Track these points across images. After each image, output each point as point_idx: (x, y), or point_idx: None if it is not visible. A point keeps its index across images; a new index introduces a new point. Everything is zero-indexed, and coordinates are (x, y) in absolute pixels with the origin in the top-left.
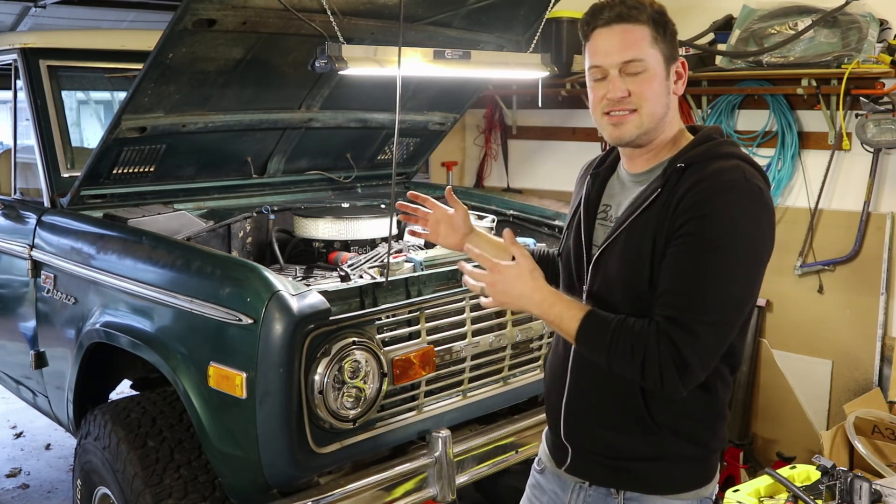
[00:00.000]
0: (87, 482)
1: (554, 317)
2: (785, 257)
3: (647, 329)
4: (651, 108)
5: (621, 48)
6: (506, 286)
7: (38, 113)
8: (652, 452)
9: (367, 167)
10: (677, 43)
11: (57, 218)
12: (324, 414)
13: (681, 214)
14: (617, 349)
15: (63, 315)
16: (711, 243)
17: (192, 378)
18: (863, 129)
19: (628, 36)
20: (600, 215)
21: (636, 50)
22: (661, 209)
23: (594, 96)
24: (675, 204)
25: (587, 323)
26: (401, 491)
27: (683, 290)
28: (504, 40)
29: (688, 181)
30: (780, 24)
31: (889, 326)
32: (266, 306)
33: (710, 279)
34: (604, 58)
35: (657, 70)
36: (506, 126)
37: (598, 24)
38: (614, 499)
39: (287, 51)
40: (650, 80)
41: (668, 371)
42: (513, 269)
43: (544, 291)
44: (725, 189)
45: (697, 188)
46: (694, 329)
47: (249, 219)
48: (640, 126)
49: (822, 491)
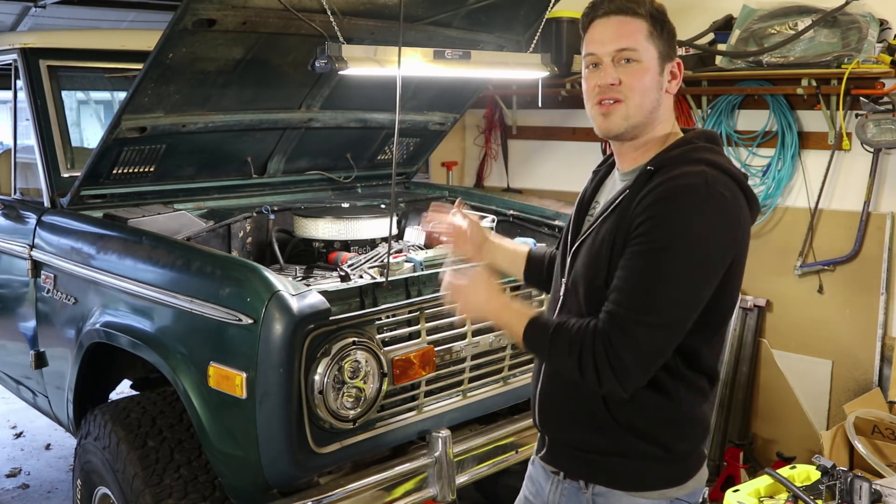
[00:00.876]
0: (87, 482)
1: (504, 323)
2: (785, 257)
3: (585, 329)
4: (639, 100)
5: (616, 37)
6: (468, 297)
7: (38, 113)
8: (614, 448)
9: (367, 167)
10: (675, 43)
11: (57, 218)
12: (324, 414)
13: (636, 216)
14: (555, 350)
15: (63, 315)
16: (660, 244)
17: (192, 378)
18: (863, 129)
19: (624, 27)
20: (590, 212)
21: (630, 40)
22: (623, 210)
23: (587, 86)
24: (634, 206)
25: (530, 327)
26: (401, 491)
27: (627, 289)
28: (504, 40)
29: (651, 184)
30: (780, 24)
31: (889, 326)
32: (266, 306)
33: (654, 280)
34: (598, 46)
35: (650, 64)
36: (506, 126)
37: (597, 14)
38: (584, 493)
39: (287, 51)
40: (642, 73)
41: (603, 370)
42: (468, 282)
43: (499, 300)
44: (680, 192)
45: (655, 191)
46: (631, 329)
47: (249, 219)
48: (628, 118)
49: (822, 491)
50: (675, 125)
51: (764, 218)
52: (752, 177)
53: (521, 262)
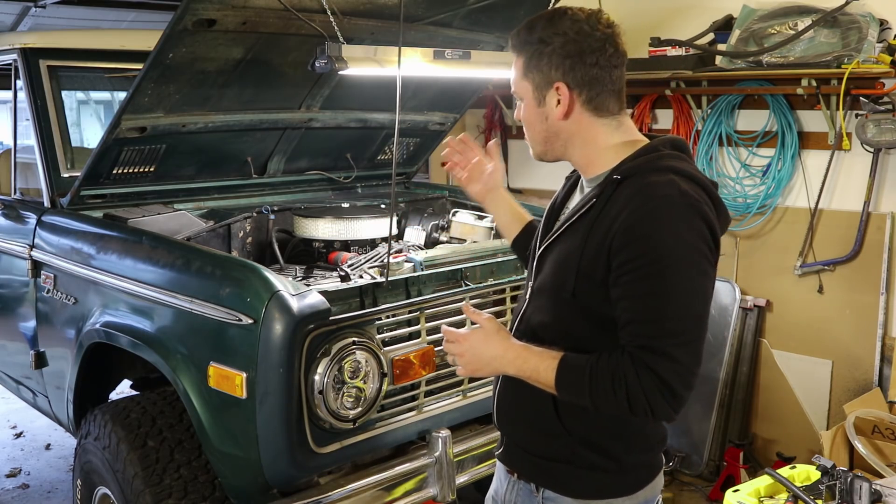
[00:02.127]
0: (87, 482)
1: (530, 371)
2: (785, 257)
3: (623, 363)
4: (531, 133)
5: (511, 79)
6: (475, 353)
7: (38, 113)
8: (562, 455)
9: (367, 167)
10: (560, 63)
11: (57, 218)
12: (324, 414)
13: (620, 236)
14: (598, 391)
15: (63, 315)
16: (660, 264)
17: (192, 378)
18: (863, 129)
19: (514, 67)
20: (561, 218)
21: (513, 82)
22: (594, 221)
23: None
24: (610, 222)
25: (563, 371)
26: (401, 491)
27: (648, 318)
28: (504, 40)
29: (622, 197)
30: (780, 24)
31: (889, 326)
32: (266, 306)
33: (670, 300)
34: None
35: (528, 100)
36: (506, 126)
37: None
38: (535, 496)
39: (287, 51)
40: (525, 109)
41: (655, 400)
42: (478, 334)
43: (515, 348)
44: (662, 206)
45: (633, 209)
46: (669, 353)
47: (249, 219)
48: (533, 148)
49: (822, 491)
50: (634, 132)
51: (764, 218)
52: (752, 177)
53: (517, 227)
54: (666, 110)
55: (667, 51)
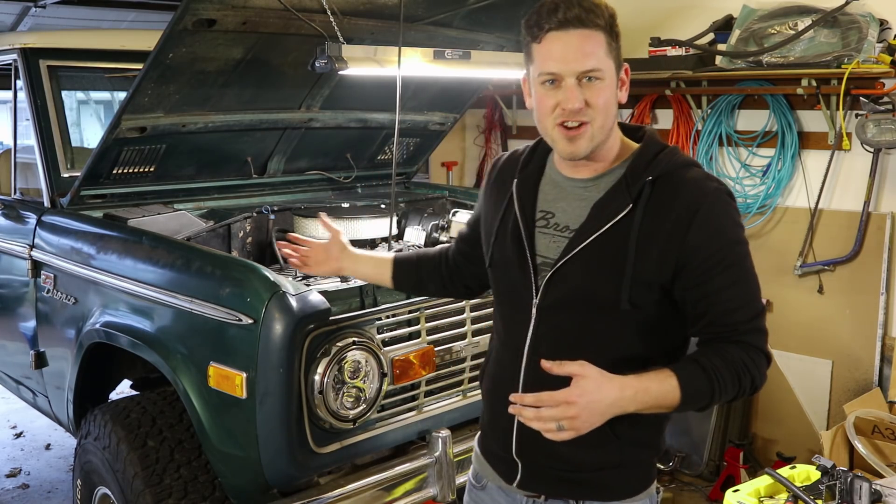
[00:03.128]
0: (87, 482)
1: (652, 401)
2: (785, 257)
3: (735, 352)
4: (603, 120)
5: (581, 55)
6: (592, 408)
7: (38, 113)
8: (611, 462)
9: (367, 167)
10: (621, 48)
11: (57, 218)
12: (324, 414)
13: (695, 234)
14: (723, 390)
15: (63, 315)
16: (736, 252)
17: (192, 378)
18: (863, 129)
19: (587, 42)
20: (539, 223)
21: (595, 58)
22: (640, 226)
23: (545, 104)
24: (670, 225)
25: (687, 387)
26: (401, 491)
27: (740, 304)
28: (504, 40)
29: (670, 196)
30: (780, 24)
31: (889, 326)
32: (266, 306)
33: (750, 283)
34: (561, 64)
35: (611, 80)
36: (506, 126)
37: (552, 25)
38: None
39: (287, 51)
40: (604, 91)
41: (764, 373)
42: (588, 385)
43: (631, 384)
44: (720, 198)
45: (696, 206)
46: (762, 328)
47: (249, 219)
48: (593, 139)
49: (822, 491)
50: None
51: (764, 218)
52: (752, 177)
53: (386, 268)
54: (666, 110)
55: (667, 51)
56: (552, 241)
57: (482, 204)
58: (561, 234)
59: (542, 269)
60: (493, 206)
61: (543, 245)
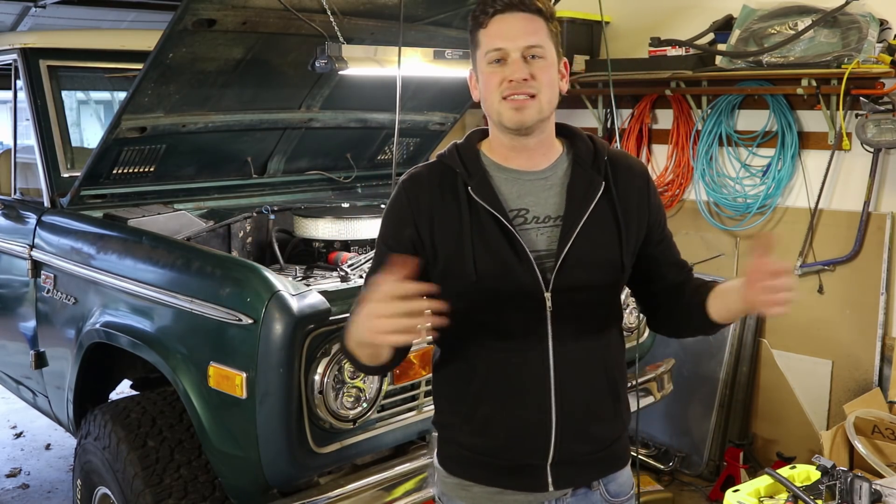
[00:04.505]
0: (87, 482)
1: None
2: (785, 257)
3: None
4: (548, 95)
5: (525, 33)
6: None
7: (38, 113)
8: (620, 429)
9: (367, 167)
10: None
11: (57, 218)
12: (324, 414)
13: (653, 198)
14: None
15: (63, 315)
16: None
17: (192, 378)
18: (863, 129)
19: (530, 24)
20: (517, 221)
21: (537, 37)
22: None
23: (491, 81)
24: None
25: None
26: (401, 491)
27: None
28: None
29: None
30: (780, 24)
31: (889, 326)
32: (266, 306)
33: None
34: (507, 41)
35: (553, 63)
36: None
37: (497, 9)
38: (595, 491)
39: (287, 51)
40: (548, 68)
41: None
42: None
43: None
44: (646, 169)
45: (645, 176)
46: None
47: (249, 219)
48: (541, 112)
49: (822, 491)
50: None
51: (764, 218)
52: (752, 177)
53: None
54: (666, 110)
55: (667, 51)
56: (539, 234)
57: (420, 235)
58: (545, 224)
59: (544, 261)
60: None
61: (532, 240)
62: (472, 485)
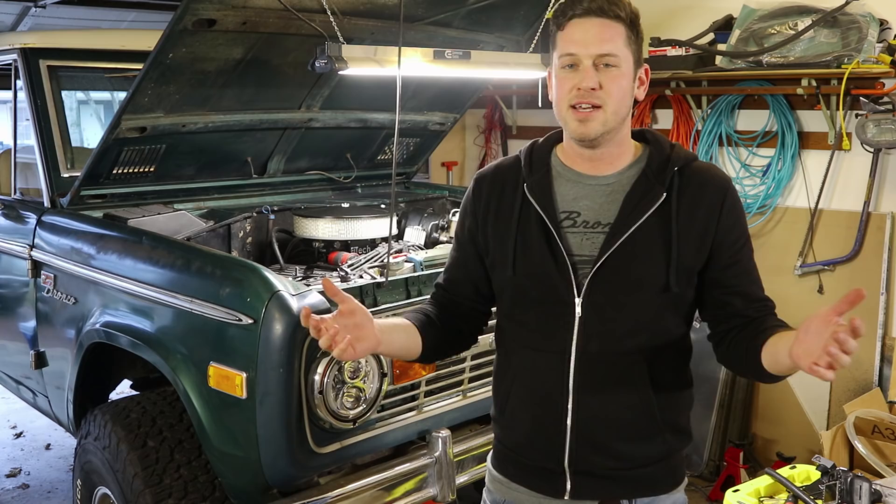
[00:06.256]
0: (87, 482)
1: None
2: (785, 257)
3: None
4: (616, 106)
5: (599, 40)
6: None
7: (38, 113)
8: (660, 453)
9: (367, 167)
10: (641, 47)
11: (57, 218)
12: (324, 414)
13: (725, 218)
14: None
15: (63, 315)
16: (749, 240)
17: (192, 378)
18: (863, 129)
19: (606, 30)
20: (565, 223)
21: (612, 44)
22: (676, 214)
23: (563, 87)
24: (704, 211)
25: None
26: (401, 491)
27: (759, 283)
28: (504, 40)
29: (698, 185)
30: (780, 24)
31: (889, 326)
32: (266, 306)
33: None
34: (580, 47)
35: (628, 70)
36: (506, 126)
37: (576, 13)
38: None
39: (287, 51)
40: (620, 78)
41: None
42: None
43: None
44: (734, 189)
45: (721, 192)
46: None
47: (249, 219)
48: (605, 124)
49: (822, 491)
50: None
51: (764, 218)
52: (752, 177)
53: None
54: (666, 110)
55: (667, 51)
56: (584, 238)
57: (478, 225)
58: (593, 230)
59: (581, 266)
60: (499, 221)
61: (576, 244)
62: (509, 481)
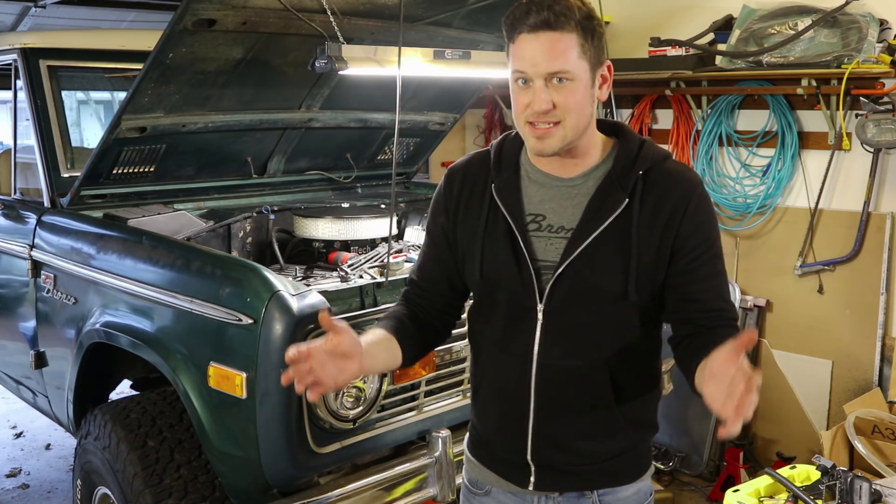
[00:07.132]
0: (87, 482)
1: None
2: (785, 257)
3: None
4: (575, 120)
5: (548, 58)
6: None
7: (38, 113)
8: (621, 448)
9: (367, 167)
10: (604, 45)
11: (57, 218)
12: (324, 414)
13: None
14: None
15: (63, 315)
16: (717, 245)
17: (192, 378)
18: (863, 129)
19: (556, 46)
20: (531, 226)
21: (563, 61)
22: (639, 219)
23: (518, 103)
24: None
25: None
26: (401, 491)
27: (722, 294)
28: (504, 40)
29: (661, 188)
30: (780, 24)
31: (889, 326)
32: (266, 306)
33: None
34: (530, 66)
35: (584, 79)
36: (506, 126)
37: (523, 29)
38: (588, 498)
39: (287, 51)
40: (575, 91)
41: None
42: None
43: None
44: (702, 190)
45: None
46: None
47: (249, 219)
48: (564, 139)
49: (822, 491)
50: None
51: (764, 218)
52: (752, 177)
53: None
54: (666, 110)
55: (667, 51)
56: (549, 243)
57: (450, 222)
58: (556, 235)
59: (544, 272)
60: (468, 221)
61: (540, 248)
62: (480, 465)
